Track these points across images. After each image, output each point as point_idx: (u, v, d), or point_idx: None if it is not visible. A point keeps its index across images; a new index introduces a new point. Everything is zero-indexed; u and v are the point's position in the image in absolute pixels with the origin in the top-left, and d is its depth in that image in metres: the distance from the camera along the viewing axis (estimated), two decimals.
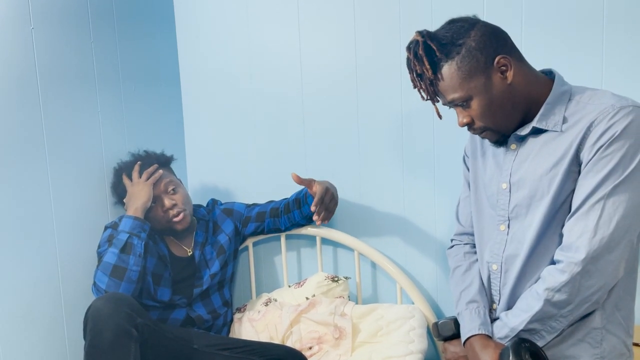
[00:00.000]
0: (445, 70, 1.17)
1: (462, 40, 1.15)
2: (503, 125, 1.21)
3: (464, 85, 1.16)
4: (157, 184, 1.74)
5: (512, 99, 1.18)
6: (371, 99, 1.86)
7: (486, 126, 1.21)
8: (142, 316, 1.47)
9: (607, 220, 1.08)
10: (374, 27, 1.83)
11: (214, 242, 1.85)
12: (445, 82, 1.18)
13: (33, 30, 1.56)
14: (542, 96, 1.19)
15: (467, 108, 1.20)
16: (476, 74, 1.15)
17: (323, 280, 1.85)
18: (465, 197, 1.44)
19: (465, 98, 1.18)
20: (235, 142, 2.07)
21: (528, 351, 1.10)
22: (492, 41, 1.15)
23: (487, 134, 1.24)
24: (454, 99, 1.19)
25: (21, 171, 1.53)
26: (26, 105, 1.55)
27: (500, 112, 1.19)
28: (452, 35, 1.16)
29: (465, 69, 1.15)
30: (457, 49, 1.15)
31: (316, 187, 1.69)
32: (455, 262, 1.42)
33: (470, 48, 1.15)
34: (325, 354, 1.68)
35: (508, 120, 1.20)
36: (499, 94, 1.17)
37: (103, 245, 1.64)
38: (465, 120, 1.21)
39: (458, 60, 1.15)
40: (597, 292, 1.11)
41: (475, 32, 1.15)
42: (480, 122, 1.21)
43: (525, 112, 1.20)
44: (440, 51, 1.16)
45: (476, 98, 1.17)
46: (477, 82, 1.16)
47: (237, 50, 2.02)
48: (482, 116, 1.19)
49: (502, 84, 1.16)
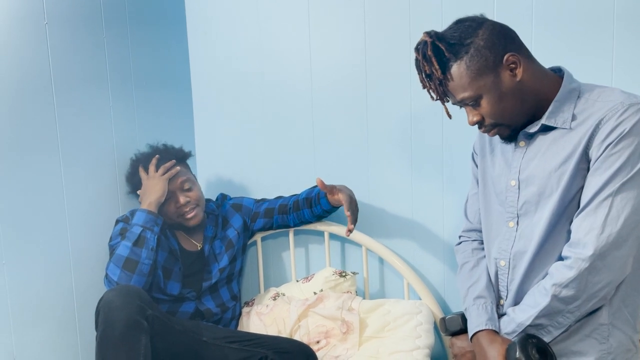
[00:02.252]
0: (454, 70, 1.18)
1: (470, 40, 1.16)
2: (514, 121, 1.22)
3: (473, 84, 1.17)
4: (174, 180, 1.75)
5: (522, 95, 1.18)
6: (380, 97, 1.87)
7: (497, 122, 1.22)
8: (153, 308, 1.49)
9: (615, 217, 1.09)
10: (383, 26, 1.83)
11: (223, 236, 1.86)
12: (454, 82, 1.19)
13: (47, 25, 1.58)
14: (551, 93, 1.19)
15: (477, 107, 1.21)
16: (485, 73, 1.16)
17: (331, 275, 1.86)
18: (474, 194, 1.44)
19: (475, 97, 1.19)
20: (245, 138, 2.08)
21: (535, 347, 1.11)
22: (501, 39, 1.16)
23: (498, 130, 1.24)
24: (463, 98, 1.20)
25: (34, 165, 1.55)
26: (40, 99, 1.57)
27: (510, 109, 1.19)
28: (460, 35, 1.17)
29: (474, 68, 1.16)
30: (465, 49, 1.16)
31: (340, 196, 1.70)
32: (463, 258, 1.42)
33: (478, 47, 1.16)
34: (333, 348, 1.70)
35: (518, 116, 1.21)
36: (509, 91, 1.17)
37: (115, 238, 1.66)
38: (475, 119, 1.22)
39: (467, 60, 1.16)
40: (604, 288, 1.12)
41: (483, 31, 1.16)
42: (490, 119, 1.21)
43: (535, 107, 1.21)
44: (449, 51, 1.17)
45: (486, 96, 1.18)
46: (486, 80, 1.17)
47: (247, 48, 2.03)
48: (492, 114, 1.20)
49: (512, 81, 1.17)
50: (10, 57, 1.49)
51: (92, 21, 1.74)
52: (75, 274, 1.67)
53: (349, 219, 1.63)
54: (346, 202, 1.67)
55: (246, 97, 2.06)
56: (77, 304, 1.68)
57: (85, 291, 1.69)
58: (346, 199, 1.68)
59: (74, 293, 1.67)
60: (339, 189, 1.72)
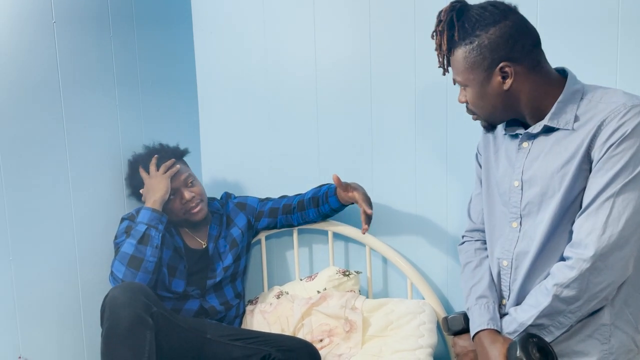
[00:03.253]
0: (457, 52, 1.21)
1: (479, 33, 1.17)
2: (490, 119, 1.28)
3: (464, 73, 1.22)
4: (177, 177, 1.77)
5: (505, 102, 1.22)
6: (384, 97, 1.87)
7: (475, 112, 1.28)
8: (158, 305, 1.50)
9: (617, 218, 1.09)
10: (388, 25, 1.84)
11: (227, 235, 1.88)
12: (453, 62, 1.24)
13: (55, 24, 1.60)
14: (554, 96, 1.19)
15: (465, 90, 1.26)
16: (477, 69, 1.19)
17: (334, 274, 1.87)
18: (477, 194, 1.45)
19: (462, 84, 1.25)
20: (250, 137, 2.09)
21: (536, 346, 1.12)
22: (507, 45, 1.16)
23: (477, 118, 1.31)
24: (455, 78, 1.26)
25: (41, 163, 1.57)
26: (47, 97, 1.59)
27: (489, 108, 1.25)
28: (477, 21, 1.17)
29: (470, 60, 1.19)
30: (471, 39, 1.18)
31: (354, 194, 1.72)
32: (466, 258, 1.43)
33: (482, 44, 1.17)
34: (336, 347, 1.71)
35: (495, 116, 1.27)
36: (492, 94, 1.21)
37: (120, 236, 1.68)
38: (462, 100, 1.29)
39: (468, 49, 1.19)
40: (605, 289, 1.12)
41: (496, 29, 1.16)
42: (471, 107, 1.28)
43: (520, 112, 1.24)
44: (459, 34, 1.19)
45: (470, 89, 1.23)
46: (476, 76, 1.20)
47: (253, 48, 2.04)
48: (472, 104, 1.26)
49: (499, 87, 1.20)
50: (18, 55, 1.51)
51: (100, 21, 1.76)
52: (80, 271, 1.69)
53: (364, 216, 1.67)
54: (361, 200, 1.70)
55: (251, 97, 2.07)
56: (82, 301, 1.69)
57: (90, 288, 1.70)
58: (361, 197, 1.71)
59: (80, 290, 1.69)
60: (353, 187, 1.74)
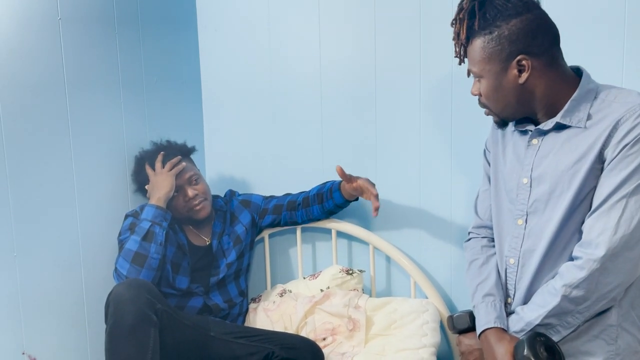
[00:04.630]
0: (476, 42, 1.20)
1: (500, 23, 1.16)
2: (503, 113, 1.26)
3: (480, 64, 1.21)
4: (181, 175, 1.77)
5: (519, 96, 1.20)
6: (389, 94, 1.87)
7: (488, 106, 1.27)
8: (162, 302, 1.50)
9: (629, 218, 1.09)
10: (393, 22, 1.84)
11: (231, 232, 1.87)
12: (470, 52, 1.22)
13: (60, 20, 1.59)
14: (567, 94, 1.19)
15: (479, 82, 1.25)
16: (494, 61, 1.18)
17: (337, 273, 1.87)
18: (484, 190, 1.44)
19: (477, 75, 1.23)
20: (254, 135, 2.09)
21: (543, 345, 1.12)
22: (527, 38, 1.15)
23: (489, 112, 1.29)
24: (470, 69, 1.25)
25: (46, 160, 1.57)
26: (52, 94, 1.58)
27: (502, 101, 1.23)
28: (499, 12, 1.16)
29: (487, 51, 1.18)
30: (491, 29, 1.17)
31: (359, 182, 1.73)
32: (472, 255, 1.42)
33: (501, 35, 1.16)
34: (339, 345, 1.70)
35: (509, 111, 1.25)
36: (507, 87, 1.20)
37: (124, 233, 1.67)
38: (475, 92, 1.27)
39: (487, 39, 1.18)
40: (614, 290, 1.12)
41: (517, 21, 1.15)
42: (484, 99, 1.26)
43: (534, 108, 1.22)
44: (480, 23, 1.18)
45: (485, 80, 1.22)
46: (492, 67, 1.19)
47: (257, 46, 2.04)
48: (486, 97, 1.25)
49: (514, 81, 1.19)
50: (24, 52, 1.50)
51: (105, 18, 1.76)
52: (85, 268, 1.69)
53: (373, 197, 1.68)
54: (366, 184, 1.71)
55: (255, 94, 2.07)
56: (86, 297, 1.69)
57: (94, 285, 1.70)
58: (365, 182, 1.72)
59: (84, 286, 1.69)
60: (357, 178, 1.75)
